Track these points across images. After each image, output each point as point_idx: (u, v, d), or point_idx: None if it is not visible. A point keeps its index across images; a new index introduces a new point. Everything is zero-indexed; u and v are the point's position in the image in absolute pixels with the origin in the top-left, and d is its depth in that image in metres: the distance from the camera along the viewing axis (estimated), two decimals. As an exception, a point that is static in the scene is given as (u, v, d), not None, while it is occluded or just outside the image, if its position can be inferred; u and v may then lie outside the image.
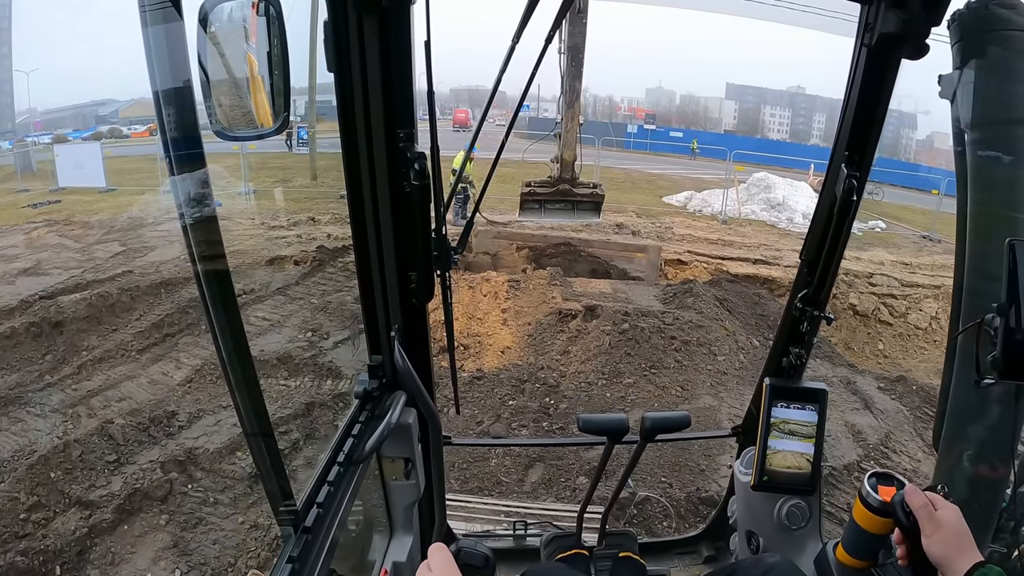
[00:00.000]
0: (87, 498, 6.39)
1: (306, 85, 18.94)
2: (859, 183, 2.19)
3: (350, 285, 11.62)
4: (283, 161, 23.35)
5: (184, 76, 1.08)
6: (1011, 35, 2.08)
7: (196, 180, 1.17)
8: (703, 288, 12.71)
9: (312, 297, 11.46)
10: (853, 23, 2.11)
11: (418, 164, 1.93)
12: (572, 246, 15.06)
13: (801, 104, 68.59)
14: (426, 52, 1.85)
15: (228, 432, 7.44)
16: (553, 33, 2.13)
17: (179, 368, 8.95)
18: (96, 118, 45.15)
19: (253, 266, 12.35)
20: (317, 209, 16.55)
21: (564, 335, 10.62)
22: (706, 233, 17.97)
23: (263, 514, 6.37)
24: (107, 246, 14.06)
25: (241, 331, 1.33)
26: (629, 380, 9.44)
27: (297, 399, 8.39)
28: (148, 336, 9.80)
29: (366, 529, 2.52)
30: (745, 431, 3.11)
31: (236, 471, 6.88)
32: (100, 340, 9.72)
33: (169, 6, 1.02)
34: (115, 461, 6.92)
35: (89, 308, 10.26)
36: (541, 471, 7.26)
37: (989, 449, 2.33)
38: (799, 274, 2.57)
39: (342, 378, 8.85)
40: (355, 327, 10.17)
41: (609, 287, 13.37)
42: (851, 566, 1.95)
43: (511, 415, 8.47)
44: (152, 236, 14.56)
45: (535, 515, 5.40)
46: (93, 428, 7.31)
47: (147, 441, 7.28)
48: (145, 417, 7.61)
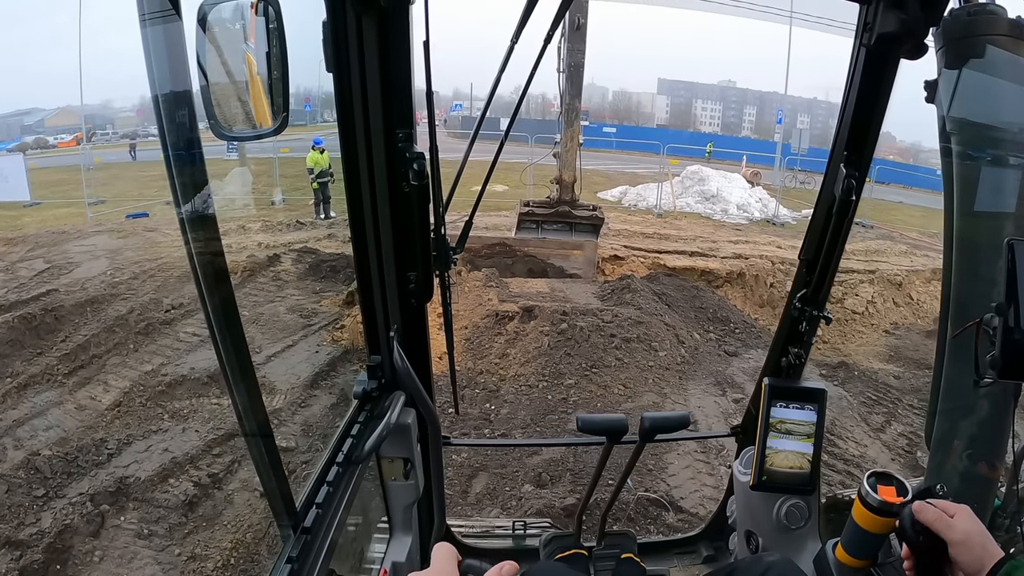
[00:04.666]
0: (16, 537, 6.13)
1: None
2: (858, 183, 2.21)
3: (282, 296, 11.44)
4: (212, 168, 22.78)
5: (183, 76, 1.10)
6: (994, 40, 2.11)
7: (196, 180, 1.20)
8: (641, 283, 12.84)
9: (243, 309, 11.21)
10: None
11: (417, 164, 1.95)
12: (507, 246, 14.95)
13: (732, 98, 70.14)
14: (425, 52, 1.86)
15: (159, 458, 7.22)
16: (552, 33, 2.11)
17: (107, 391, 8.65)
18: (21, 128, 43.71)
19: (182, 279, 12.03)
20: (247, 216, 16.24)
21: (502, 338, 10.58)
22: (642, 227, 18.18)
23: (200, 543, 6.22)
24: (31, 263, 13.50)
25: (241, 332, 1.34)
26: (570, 381, 9.46)
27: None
28: (74, 358, 9.44)
29: (365, 529, 2.52)
30: (744, 431, 3.13)
31: (170, 499, 6.69)
32: (24, 365, 9.33)
33: (168, 6, 1.03)
34: (44, 496, 6.67)
35: (11, 331, 9.84)
36: (485, 480, 7.23)
37: (982, 448, 2.37)
38: (798, 274, 2.58)
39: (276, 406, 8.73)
40: (290, 339, 10.04)
41: (546, 286, 13.39)
42: (850, 566, 1.95)
43: (451, 423, 8.40)
44: (78, 251, 14.10)
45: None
46: (20, 461, 7.02)
47: (76, 472, 7.03)
48: (73, 446, 7.35)
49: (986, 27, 2.11)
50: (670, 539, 3.86)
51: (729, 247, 16.10)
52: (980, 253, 2.20)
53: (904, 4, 1.91)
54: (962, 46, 2.14)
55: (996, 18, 2.11)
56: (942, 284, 2.46)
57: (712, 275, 14.41)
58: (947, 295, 2.40)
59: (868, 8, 2.03)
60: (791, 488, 2.56)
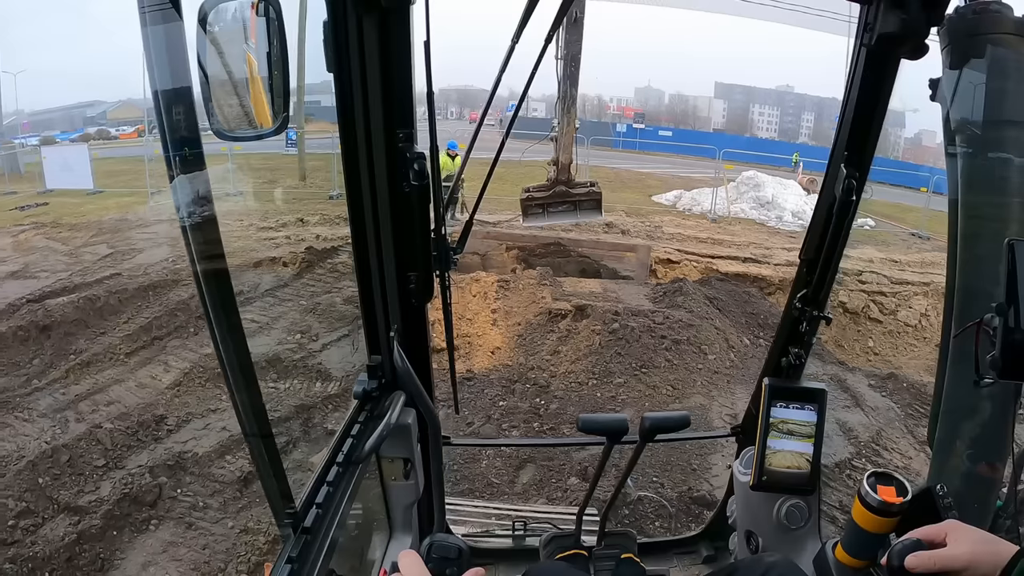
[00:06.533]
0: (76, 503, 6.36)
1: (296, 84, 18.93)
2: (859, 183, 2.19)
3: (339, 287, 11.57)
4: (271, 162, 23.28)
5: (184, 76, 1.09)
6: (999, 38, 2.06)
7: (196, 180, 1.17)
8: (693, 287, 12.69)
9: (301, 299, 11.41)
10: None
11: (417, 164, 1.94)
12: (562, 246, 15.01)
13: (790, 103, 69.00)
14: (426, 52, 1.86)
15: (217, 436, 7.41)
16: (553, 33, 2.13)
17: (167, 371, 8.90)
18: (84, 120, 45.05)
19: (241, 268, 12.26)
20: (305, 210, 16.49)
21: (554, 335, 10.59)
22: (696, 232, 17.96)
23: (253, 518, 6.35)
24: (95, 248, 13.96)
25: (241, 332, 1.33)
26: (620, 380, 9.42)
27: (295, 399, 8.41)
28: (136, 339, 9.75)
29: (365, 529, 2.54)
30: (744, 431, 3.10)
31: (225, 475, 6.85)
32: (88, 343, 9.65)
33: (169, 6, 1.02)
34: (104, 466, 6.88)
35: (77, 311, 10.19)
36: (532, 472, 7.25)
37: (984, 448, 2.32)
38: (798, 274, 2.56)
39: (337, 379, 8.84)
40: (346, 328, 10.16)
41: (599, 287, 13.33)
42: (850, 566, 1.93)
43: (501, 416, 8.47)
44: (140, 238, 14.46)
45: (528, 517, 5.42)
46: (82, 433, 7.27)
47: (136, 445, 7.25)
48: (134, 421, 7.58)
49: (992, 25, 2.07)
50: (670, 539, 3.85)
51: (783, 254, 15.80)
52: (985, 253, 2.14)
53: (905, 4, 1.88)
54: (967, 44, 2.10)
55: (1002, 16, 2.06)
56: (946, 284, 2.41)
57: (765, 281, 14.15)
58: (951, 294, 2.36)
59: (869, 8, 2.01)
60: (791, 488, 2.55)
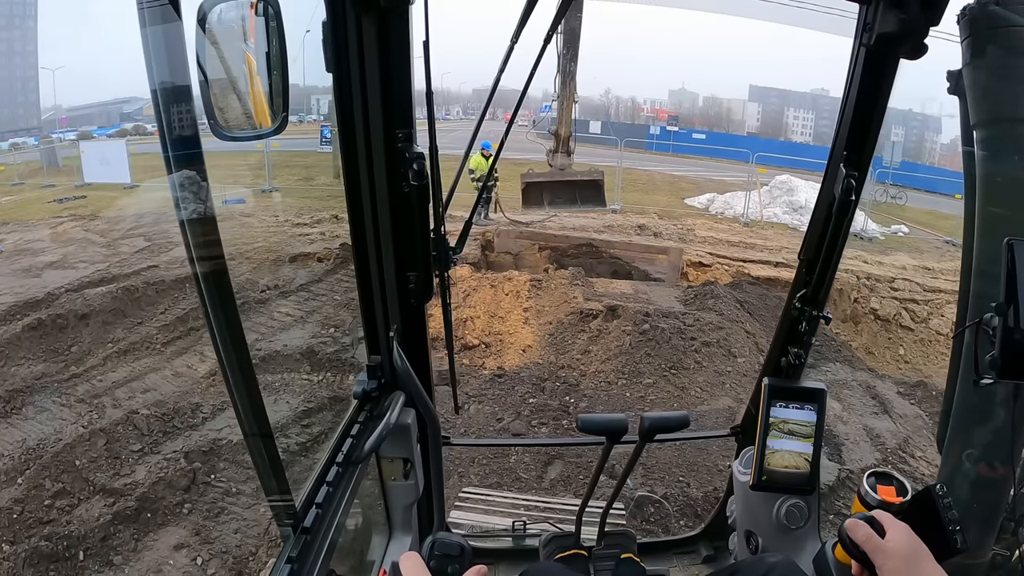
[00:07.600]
0: (111, 486, 6.49)
1: (330, 84, 19.09)
2: (858, 183, 2.18)
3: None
4: (306, 159, 23.49)
5: (183, 76, 1.09)
6: (1021, 32, 2.04)
7: (194, 180, 1.19)
8: (724, 290, 12.65)
9: (335, 293, 11.52)
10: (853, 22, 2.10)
11: (417, 164, 1.95)
12: (594, 247, 15.05)
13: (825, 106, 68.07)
14: (425, 52, 1.86)
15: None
16: (552, 32, 2.12)
17: (203, 361, 9.02)
18: (121, 115, 45.68)
19: (277, 263, 12.40)
20: (340, 207, 16.53)
21: (585, 335, 10.57)
22: (728, 235, 17.83)
23: (284, 505, 6.43)
24: (132, 241, 14.20)
25: (240, 332, 1.34)
26: (649, 380, 9.39)
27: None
28: (173, 329, 9.91)
29: (365, 529, 2.55)
30: (744, 431, 3.12)
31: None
32: (125, 332, 9.84)
33: (168, 6, 1.03)
34: (139, 450, 7.01)
35: (114, 301, 10.39)
36: (560, 468, 7.27)
37: (991, 450, 2.29)
38: (797, 274, 2.56)
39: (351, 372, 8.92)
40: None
41: (630, 288, 13.35)
42: (850, 566, 1.94)
43: (531, 413, 8.48)
44: (177, 232, 14.37)
45: (553, 509, 5.43)
46: (118, 418, 7.42)
47: (171, 431, 7.37)
48: (169, 408, 7.71)
49: (1012, 17, 2.01)
50: (670, 539, 3.84)
51: (816, 259, 15.68)
52: (1000, 252, 2.11)
53: (904, 4, 1.88)
54: (988, 37, 2.05)
55: (1022, 8, 2.01)
56: (960, 284, 2.38)
57: (797, 286, 14.05)
58: (965, 293, 2.33)
59: (868, 8, 2.01)
60: (791, 488, 2.53)
